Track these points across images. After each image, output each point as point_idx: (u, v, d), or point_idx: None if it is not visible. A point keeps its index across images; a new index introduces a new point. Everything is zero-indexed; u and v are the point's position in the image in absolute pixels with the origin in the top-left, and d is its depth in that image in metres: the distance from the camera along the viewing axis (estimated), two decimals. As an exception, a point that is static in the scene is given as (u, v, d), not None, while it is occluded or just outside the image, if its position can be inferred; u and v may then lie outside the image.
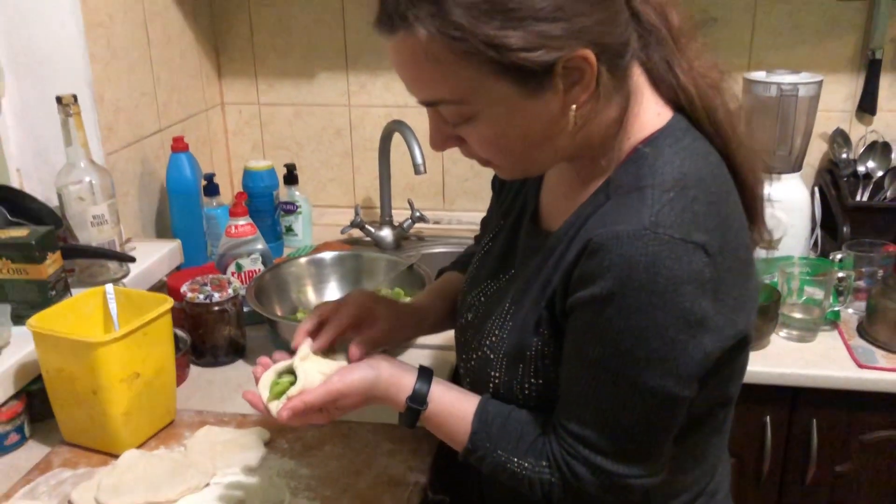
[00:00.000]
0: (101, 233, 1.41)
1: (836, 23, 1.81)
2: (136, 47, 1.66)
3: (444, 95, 0.80)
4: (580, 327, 0.82)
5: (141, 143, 1.70)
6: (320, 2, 1.96)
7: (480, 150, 0.85)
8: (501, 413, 0.91)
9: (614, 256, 0.77)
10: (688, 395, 0.80)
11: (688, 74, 0.85)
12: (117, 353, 1.08)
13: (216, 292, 1.38)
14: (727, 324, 0.80)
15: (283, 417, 0.92)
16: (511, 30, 0.73)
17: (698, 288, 0.76)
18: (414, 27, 0.76)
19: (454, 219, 2.09)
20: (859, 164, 1.77)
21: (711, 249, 0.77)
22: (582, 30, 0.75)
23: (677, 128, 0.84)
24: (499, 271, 1.01)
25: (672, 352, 0.77)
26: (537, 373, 0.89)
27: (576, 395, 0.84)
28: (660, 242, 0.75)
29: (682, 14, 0.86)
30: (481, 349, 0.95)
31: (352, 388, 0.93)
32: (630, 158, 0.84)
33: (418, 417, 0.94)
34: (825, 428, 1.44)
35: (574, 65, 0.76)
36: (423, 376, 0.95)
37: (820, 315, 1.46)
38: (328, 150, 2.10)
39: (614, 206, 0.81)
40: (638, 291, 0.76)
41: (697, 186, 0.80)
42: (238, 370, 1.41)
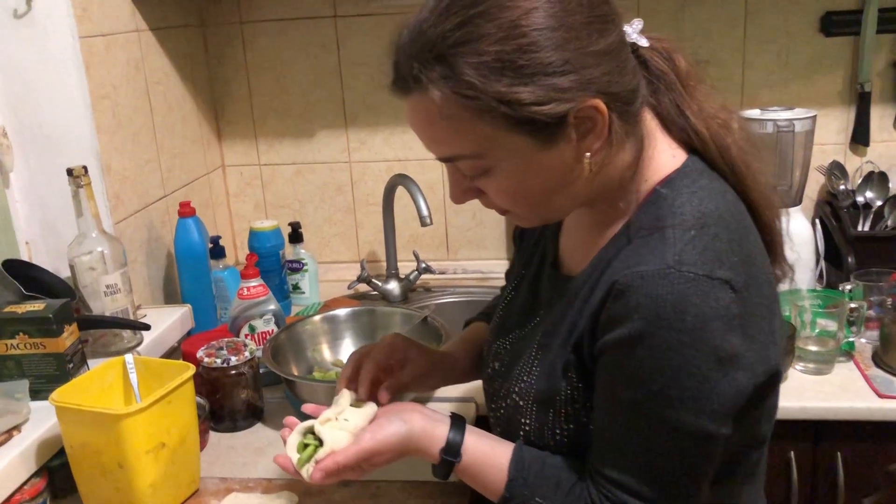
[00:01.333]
0: (114, 302, 1.40)
1: (823, 59, 1.86)
2: (139, 116, 1.68)
3: (461, 151, 0.82)
4: (611, 370, 0.82)
5: (147, 209, 1.70)
6: (318, 62, 1.99)
7: (499, 201, 0.87)
8: (537, 459, 0.90)
9: (640, 297, 0.77)
10: (724, 433, 0.80)
11: (698, 116, 0.87)
12: (143, 424, 1.07)
13: (233, 356, 1.37)
14: (758, 359, 0.80)
15: (315, 479, 0.91)
16: (522, 85, 0.75)
17: (727, 324, 0.77)
18: (427, 89, 0.78)
19: (459, 268, 2.10)
20: (858, 194, 1.80)
21: (737, 285, 0.78)
22: (590, 80, 0.77)
23: (693, 168, 0.86)
24: (524, 321, 1.01)
25: (705, 389, 0.77)
26: (568, 418, 0.89)
27: (611, 440, 0.84)
28: (685, 280, 0.76)
29: (687, 58, 0.89)
30: (510, 396, 0.95)
31: (385, 444, 0.92)
32: (649, 200, 0.86)
33: (453, 469, 0.93)
34: (850, 460, 1.43)
35: (585, 114, 0.78)
36: (455, 426, 0.94)
37: (835, 347, 1.47)
38: (330, 206, 2.11)
39: (636, 248, 0.82)
40: (667, 330, 0.76)
41: (717, 224, 0.81)
42: (257, 434, 1.40)
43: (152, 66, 1.74)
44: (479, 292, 1.97)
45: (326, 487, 1.20)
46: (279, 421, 1.39)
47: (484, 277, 2.06)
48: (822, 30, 1.84)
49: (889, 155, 1.88)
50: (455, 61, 0.76)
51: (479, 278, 2.06)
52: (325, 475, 0.91)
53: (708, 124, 0.87)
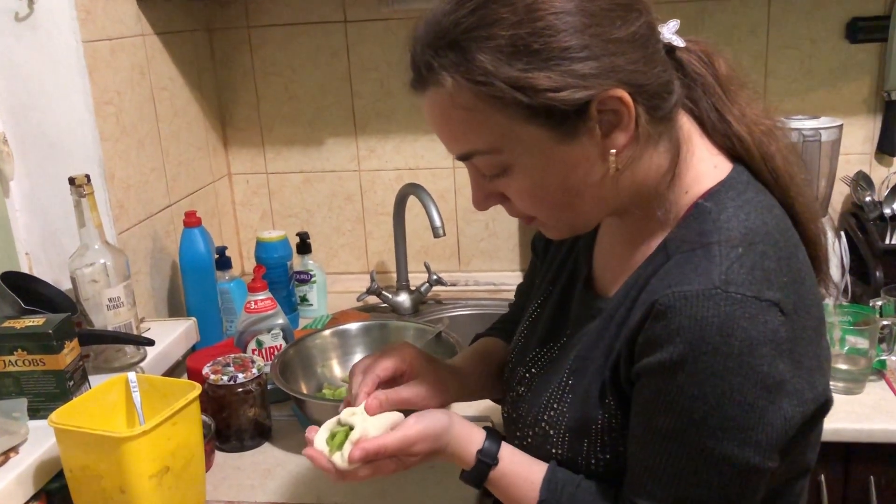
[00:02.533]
0: (117, 316, 1.35)
1: (848, 66, 1.80)
2: (144, 123, 1.63)
3: (478, 146, 0.78)
4: (649, 396, 0.77)
5: (151, 219, 1.65)
6: (327, 69, 1.95)
7: (521, 204, 0.82)
8: (571, 482, 0.85)
9: (683, 319, 0.72)
10: (770, 467, 0.75)
11: (741, 122, 0.82)
12: (146, 448, 1.01)
13: (240, 373, 1.32)
14: (806, 387, 0.75)
15: (355, 457, 0.84)
16: (537, 70, 0.72)
17: (775, 349, 0.72)
18: (440, 77, 0.75)
19: (471, 280, 2.04)
20: (885, 206, 1.74)
21: (786, 308, 0.73)
22: (613, 69, 0.73)
23: (739, 180, 0.81)
24: (549, 340, 0.96)
25: (750, 419, 0.72)
26: (604, 448, 0.83)
27: (646, 469, 0.78)
28: (732, 302, 0.71)
29: (729, 62, 0.84)
30: (538, 425, 0.90)
31: (429, 431, 0.88)
32: (691, 214, 0.80)
33: (487, 475, 0.88)
34: (884, 485, 1.37)
35: (609, 106, 0.74)
36: (492, 434, 0.90)
37: (867, 365, 1.41)
38: (339, 216, 2.06)
39: (678, 265, 0.77)
40: (711, 355, 0.71)
41: (765, 241, 0.76)
42: (265, 454, 1.34)
43: (158, 71, 1.69)
44: (491, 305, 1.92)
45: (338, 513, 1.14)
46: (288, 440, 1.36)
47: (496, 289, 2.01)
48: (847, 36, 1.78)
49: (916, 165, 1.83)
50: (468, 46, 0.73)
51: (492, 290, 2.01)
52: (365, 455, 0.85)
53: (751, 130, 0.82)
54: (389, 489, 1.19)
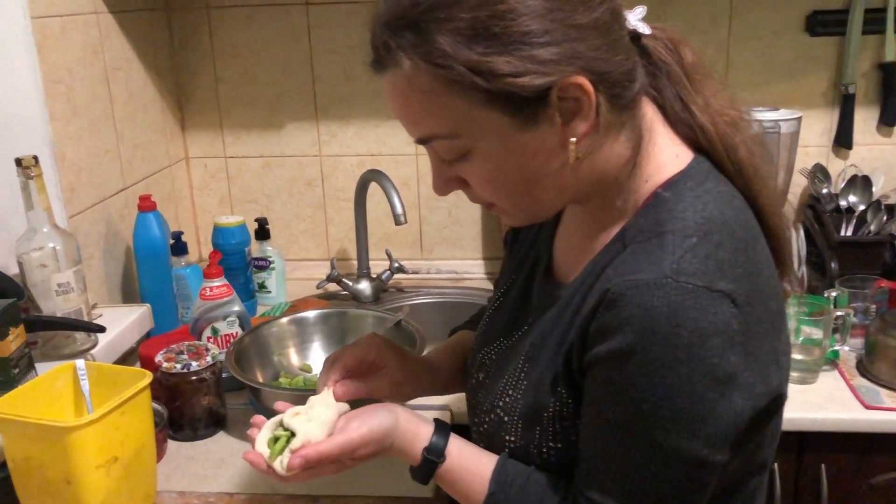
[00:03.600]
0: (66, 302, 1.31)
1: (808, 59, 1.82)
2: (97, 103, 1.59)
3: (436, 130, 0.77)
4: (599, 386, 0.76)
5: (104, 203, 1.61)
6: (287, 51, 1.91)
7: (481, 190, 0.81)
8: (521, 474, 0.84)
9: (633, 307, 0.71)
10: (720, 460, 0.74)
11: (704, 112, 0.81)
12: (93, 437, 0.99)
13: (194, 360, 1.29)
14: (759, 381, 0.74)
15: (294, 466, 0.83)
16: (497, 55, 0.70)
17: (726, 341, 0.71)
18: (398, 58, 0.73)
19: (433, 268, 2.03)
20: (841, 198, 1.77)
21: (739, 299, 0.72)
22: (574, 55, 0.72)
23: (699, 170, 0.80)
24: (512, 328, 0.95)
25: (700, 411, 0.71)
26: (556, 436, 0.83)
27: (596, 461, 0.77)
28: (683, 291, 0.70)
29: (695, 50, 0.83)
30: (494, 411, 0.89)
31: (373, 434, 0.86)
32: (648, 204, 0.80)
33: (434, 472, 0.87)
34: (835, 473, 1.39)
35: (569, 93, 0.73)
36: (440, 429, 0.89)
37: (821, 355, 1.43)
38: (299, 201, 2.03)
39: (632, 254, 0.76)
40: (660, 346, 0.70)
41: (722, 231, 0.75)
42: (220, 443, 1.32)
43: (112, 50, 1.64)
44: (453, 293, 1.91)
45: (293, 503, 1.13)
46: (243, 429, 1.32)
47: (459, 278, 2.00)
48: (807, 29, 1.80)
49: (872, 158, 1.85)
50: (426, 27, 0.71)
51: (454, 279, 2.00)
52: (305, 463, 0.83)
53: (715, 121, 0.81)
54: (346, 479, 1.18)
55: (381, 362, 1.00)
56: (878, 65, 1.80)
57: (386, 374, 0.99)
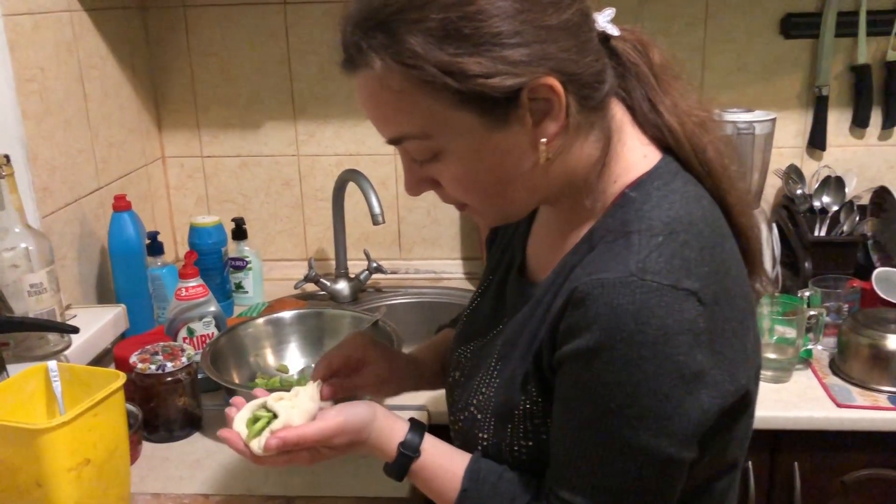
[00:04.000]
0: (39, 303, 1.30)
1: (782, 61, 1.84)
2: (71, 102, 1.57)
3: (407, 130, 0.77)
4: (568, 384, 0.77)
5: (79, 202, 1.59)
6: (265, 50, 1.90)
7: (452, 191, 0.81)
8: (493, 472, 0.85)
9: (600, 306, 0.72)
10: (687, 457, 0.75)
11: (672, 113, 0.82)
12: (65, 440, 0.98)
13: (169, 361, 1.28)
14: (726, 378, 0.74)
15: (271, 446, 0.85)
16: (468, 56, 0.71)
17: (692, 339, 0.71)
18: (369, 58, 0.73)
19: (412, 268, 2.03)
20: (815, 199, 1.79)
21: (705, 298, 0.72)
22: (545, 56, 0.72)
23: (666, 170, 0.81)
24: (488, 328, 0.95)
25: (666, 409, 0.72)
26: (527, 434, 0.83)
27: (566, 459, 0.78)
28: (648, 290, 0.71)
29: (664, 52, 0.83)
30: (468, 409, 0.89)
31: (350, 424, 0.87)
32: (616, 204, 0.80)
33: (408, 468, 0.88)
34: (807, 470, 1.41)
35: (540, 94, 0.73)
36: (415, 427, 0.90)
37: (794, 355, 1.45)
38: (277, 201, 2.02)
39: (599, 254, 0.77)
40: (626, 343, 0.71)
41: (688, 231, 0.76)
42: (195, 444, 1.31)
43: (86, 48, 1.63)
44: (432, 293, 1.91)
45: None
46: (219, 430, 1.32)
47: (437, 278, 2.00)
48: (781, 31, 1.82)
49: (845, 159, 1.87)
50: (397, 28, 0.72)
51: (433, 279, 2.00)
52: (283, 444, 0.85)
53: (682, 121, 0.81)
54: (322, 479, 1.18)
55: (366, 360, 1.01)
56: (851, 67, 1.82)
57: (371, 371, 1.01)
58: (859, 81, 1.81)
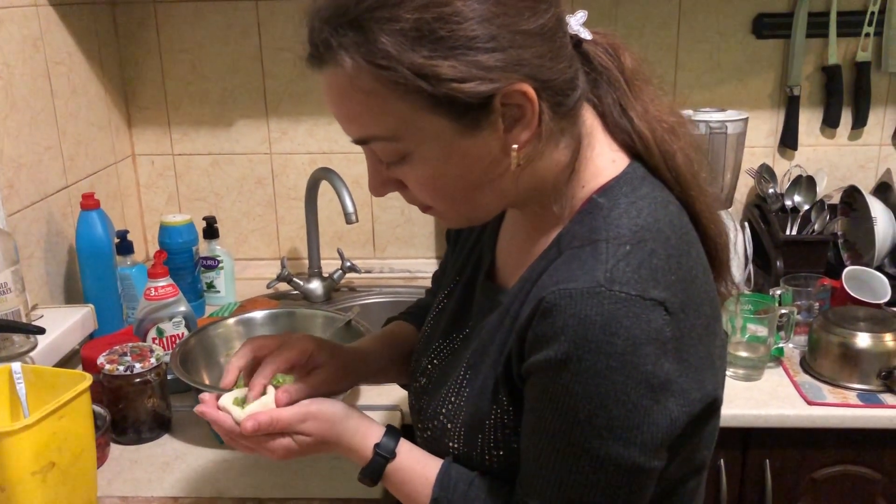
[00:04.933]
0: (3, 303, 1.27)
1: (754, 61, 1.85)
2: (38, 98, 1.54)
3: (376, 132, 0.75)
4: (536, 394, 0.76)
5: (46, 201, 1.56)
6: (237, 47, 1.88)
7: (418, 194, 0.80)
8: (464, 479, 0.84)
9: (568, 317, 0.71)
10: (656, 466, 0.75)
11: (642, 118, 0.81)
12: (28, 443, 0.96)
13: (137, 362, 1.26)
14: (693, 386, 0.74)
15: (247, 428, 0.85)
16: (442, 59, 0.69)
17: (659, 348, 0.71)
18: (339, 56, 0.71)
19: (386, 267, 2.02)
20: (786, 198, 1.80)
21: (672, 307, 0.72)
22: (519, 62, 0.71)
23: (634, 176, 0.80)
24: (452, 331, 0.94)
25: (635, 419, 0.71)
26: (497, 444, 0.82)
27: (536, 470, 0.77)
28: (616, 300, 0.70)
29: (635, 56, 0.83)
30: (437, 418, 0.88)
31: (322, 413, 0.87)
32: (584, 209, 0.79)
33: (383, 469, 0.87)
34: (778, 467, 1.42)
35: (513, 100, 0.72)
36: (391, 432, 0.89)
37: (765, 353, 1.46)
38: (249, 200, 2.00)
39: (566, 261, 0.76)
40: (594, 354, 0.70)
41: (656, 239, 0.75)
42: (164, 446, 1.29)
43: (53, 44, 1.60)
44: (406, 292, 1.90)
45: (238, 507, 1.11)
46: (189, 432, 1.31)
47: (412, 277, 1.99)
48: (753, 31, 1.83)
49: (816, 159, 1.89)
50: (370, 27, 0.69)
51: (407, 278, 1.99)
52: (258, 427, 0.85)
53: (652, 127, 0.80)
54: (293, 481, 1.17)
55: (314, 362, 0.96)
56: (822, 67, 1.84)
57: (320, 373, 0.96)
58: (830, 82, 1.83)
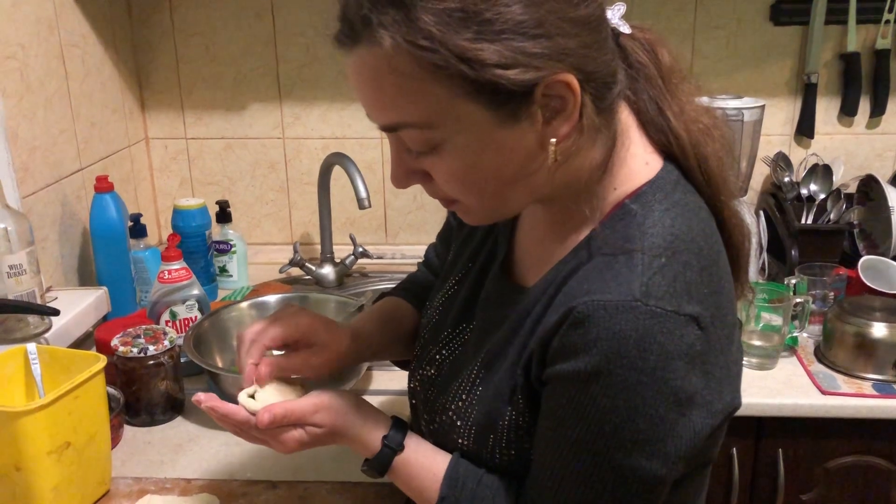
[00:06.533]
0: (18, 284, 1.28)
1: (772, 48, 1.83)
2: (52, 80, 1.54)
3: (409, 118, 0.71)
4: (560, 403, 0.75)
5: (60, 183, 1.57)
6: (251, 31, 1.88)
7: (447, 187, 0.76)
8: (473, 477, 0.83)
9: (601, 330, 0.70)
10: (675, 475, 0.74)
11: (679, 118, 0.79)
12: (44, 423, 0.96)
13: (151, 345, 1.27)
14: (716, 398, 0.74)
15: (263, 420, 0.85)
16: (486, 42, 0.66)
17: (689, 363, 0.70)
18: (378, 35, 0.67)
19: (398, 253, 2.01)
20: (802, 186, 1.79)
21: (704, 321, 0.71)
22: (565, 51, 0.68)
23: (667, 180, 0.78)
24: (462, 320, 0.93)
25: (660, 432, 0.71)
26: (509, 444, 0.82)
27: (552, 474, 0.76)
28: (651, 315, 0.69)
29: (672, 52, 0.80)
30: (446, 413, 0.88)
31: (332, 403, 0.87)
32: (615, 214, 0.77)
33: (390, 462, 0.86)
34: (791, 457, 1.41)
35: (555, 91, 0.69)
36: (398, 425, 0.89)
37: (780, 342, 1.45)
38: (262, 185, 2.00)
39: (598, 270, 0.74)
40: (627, 369, 0.69)
41: (689, 250, 0.74)
42: (177, 428, 1.30)
43: (68, 26, 1.60)
44: (417, 277, 1.89)
45: (251, 489, 1.11)
46: (201, 415, 1.31)
47: (423, 262, 1.98)
48: (771, 18, 1.81)
49: (833, 148, 1.88)
50: (413, 5, 0.66)
51: (419, 264, 1.98)
52: (273, 418, 0.85)
53: (689, 128, 0.78)
54: (305, 465, 1.17)
55: (307, 339, 0.94)
56: (840, 55, 1.82)
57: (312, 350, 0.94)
58: (848, 69, 1.81)
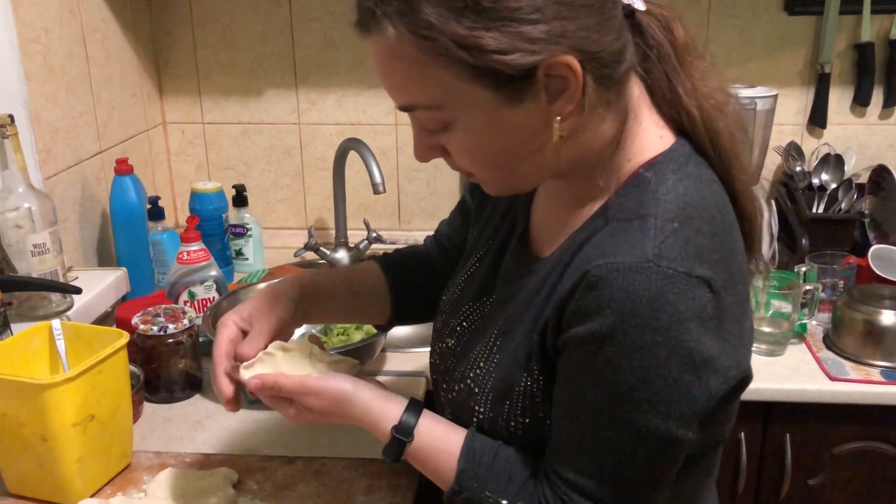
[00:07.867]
0: (42, 263, 1.31)
1: (785, 37, 1.84)
2: (74, 64, 1.57)
3: (419, 100, 0.76)
4: (576, 366, 0.77)
5: (80, 165, 1.59)
6: (267, 17, 1.90)
7: (461, 161, 0.81)
8: (489, 450, 0.85)
9: (615, 291, 0.72)
10: (691, 438, 0.76)
11: (691, 95, 0.81)
12: (69, 395, 0.99)
13: (170, 323, 1.29)
14: (731, 363, 0.76)
15: (250, 385, 0.90)
16: (484, 30, 0.69)
17: (701, 325, 0.72)
18: (383, 25, 0.72)
19: (411, 238, 2.03)
20: (813, 176, 1.80)
21: (715, 285, 0.73)
22: (564, 34, 0.71)
23: (681, 153, 0.80)
24: (482, 294, 0.96)
25: (675, 393, 0.73)
26: (524, 412, 0.84)
27: (570, 440, 0.78)
28: (664, 276, 0.71)
29: (688, 30, 0.82)
30: (464, 381, 0.90)
31: (326, 391, 0.89)
32: (631, 183, 0.80)
33: (403, 450, 0.88)
34: (798, 442, 1.43)
35: (556, 72, 0.72)
36: (412, 408, 0.89)
37: (789, 329, 1.46)
38: (277, 169, 2.02)
39: (613, 234, 0.77)
40: (640, 329, 0.71)
41: (702, 217, 0.76)
42: (195, 405, 1.32)
43: (89, 11, 1.62)
44: (430, 262, 1.91)
45: (268, 464, 1.14)
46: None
47: (435, 248, 2.00)
48: (785, 7, 1.81)
49: (845, 137, 1.88)
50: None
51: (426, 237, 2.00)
52: (262, 384, 0.89)
53: (700, 105, 0.80)
54: (321, 440, 1.19)
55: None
56: (854, 45, 1.82)
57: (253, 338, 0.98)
58: (862, 59, 1.82)
